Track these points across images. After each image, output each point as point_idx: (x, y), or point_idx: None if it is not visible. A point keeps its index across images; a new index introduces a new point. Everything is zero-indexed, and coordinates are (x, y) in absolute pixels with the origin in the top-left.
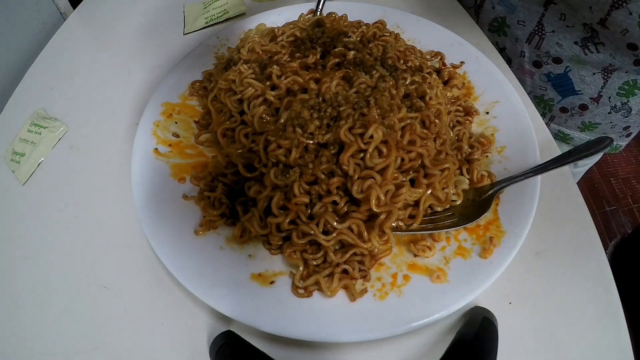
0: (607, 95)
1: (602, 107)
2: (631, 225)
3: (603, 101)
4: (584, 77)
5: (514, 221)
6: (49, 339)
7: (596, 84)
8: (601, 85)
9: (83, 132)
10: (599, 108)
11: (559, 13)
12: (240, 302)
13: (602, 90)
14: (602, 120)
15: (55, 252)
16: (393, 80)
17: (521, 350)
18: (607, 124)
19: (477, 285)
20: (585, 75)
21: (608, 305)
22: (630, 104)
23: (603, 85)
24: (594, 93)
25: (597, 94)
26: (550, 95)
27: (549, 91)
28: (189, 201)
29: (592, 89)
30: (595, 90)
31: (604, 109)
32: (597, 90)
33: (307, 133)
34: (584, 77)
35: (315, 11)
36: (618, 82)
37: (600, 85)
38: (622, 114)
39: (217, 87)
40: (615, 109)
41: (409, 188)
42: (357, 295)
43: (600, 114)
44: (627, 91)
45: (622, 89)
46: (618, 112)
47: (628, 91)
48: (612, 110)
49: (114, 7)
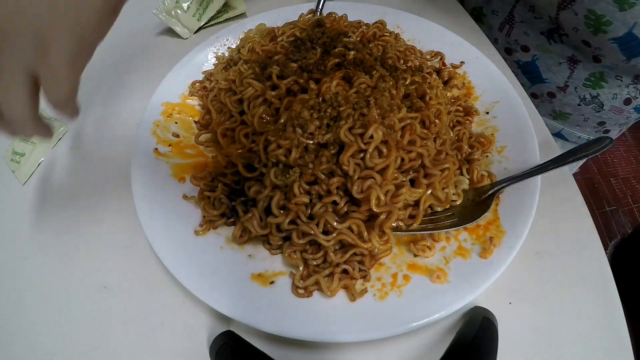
0: (573, 86)
1: (570, 97)
2: (631, 225)
3: (570, 91)
4: (551, 66)
5: (514, 221)
6: (49, 339)
7: (562, 73)
8: (567, 75)
9: (83, 132)
10: (567, 97)
11: (529, 5)
12: (240, 302)
13: (569, 80)
14: (573, 111)
15: (55, 252)
16: (393, 80)
17: (521, 350)
18: (578, 116)
19: (477, 285)
20: (551, 64)
21: (608, 305)
22: (601, 98)
23: (569, 75)
24: (560, 82)
25: (563, 83)
26: (522, 80)
27: (520, 77)
28: (189, 201)
29: (559, 78)
30: (562, 79)
31: (573, 100)
32: (564, 80)
33: (307, 133)
34: (550, 66)
35: (315, 11)
36: (584, 73)
37: (567, 75)
38: (593, 107)
39: (217, 87)
40: (584, 101)
41: (409, 188)
42: (357, 295)
43: (569, 105)
44: (594, 83)
45: (589, 80)
46: (588, 105)
47: (594, 83)
48: (582, 103)
49: None
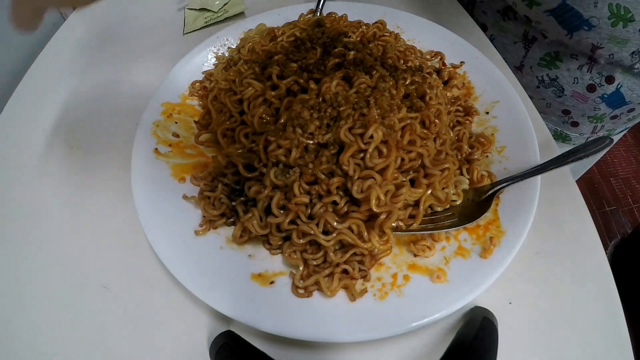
0: (528, 65)
1: (528, 78)
2: (631, 225)
3: (526, 71)
4: (506, 45)
5: (514, 221)
6: (49, 339)
7: (517, 52)
8: (522, 54)
9: (83, 132)
10: (525, 78)
11: None
12: (240, 302)
13: (524, 59)
14: (533, 94)
15: (55, 252)
16: (393, 80)
17: (521, 350)
18: (540, 100)
19: (477, 285)
20: (507, 43)
21: (608, 305)
22: (560, 81)
23: (524, 54)
24: (516, 61)
25: (519, 62)
26: None
27: None
28: (189, 201)
29: (515, 57)
30: (518, 59)
31: (531, 81)
32: (519, 60)
33: (307, 133)
34: (506, 45)
35: (315, 11)
36: (539, 53)
37: (522, 54)
38: (553, 91)
39: (217, 87)
40: (543, 84)
41: (409, 188)
42: (357, 295)
43: (529, 87)
44: (549, 62)
45: (544, 59)
46: (548, 88)
47: (549, 62)
48: (541, 85)
49: (114, 7)
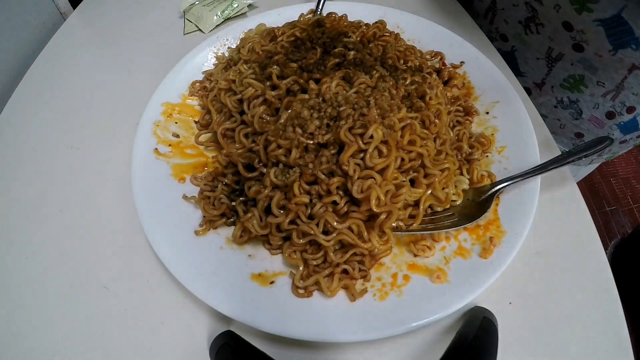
0: (550, 84)
1: (547, 97)
2: (631, 225)
3: (546, 89)
4: (528, 59)
5: (514, 221)
6: (49, 339)
7: (540, 69)
8: (545, 72)
9: (83, 132)
10: (543, 96)
11: None
12: (240, 302)
13: (546, 77)
14: (549, 113)
15: (55, 252)
16: (393, 80)
17: (521, 350)
18: (554, 120)
19: (477, 285)
20: (529, 57)
21: (608, 305)
22: (580, 105)
23: (547, 72)
24: (537, 78)
25: (540, 80)
26: None
27: None
28: (189, 201)
29: (536, 73)
30: (539, 76)
31: (549, 100)
32: (541, 77)
33: (307, 133)
34: (528, 59)
35: (315, 11)
36: (563, 74)
37: (544, 72)
38: (570, 113)
39: (217, 87)
40: (562, 104)
41: (409, 188)
42: (357, 295)
43: (545, 105)
44: (572, 85)
45: (567, 81)
46: (566, 110)
47: (572, 85)
48: (559, 105)
49: (114, 7)
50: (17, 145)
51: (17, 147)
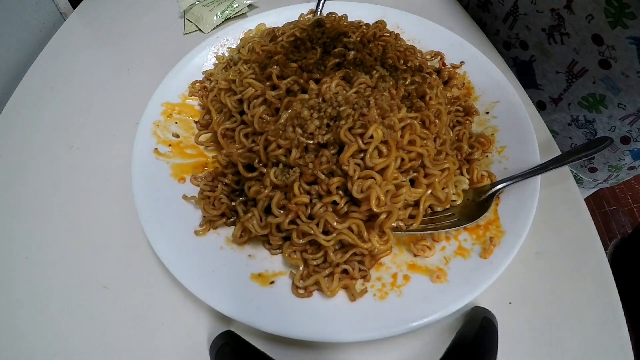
0: (567, 100)
1: (561, 114)
2: (631, 225)
3: (562, 105)
4: (547, 72)
5: (514, 221)
6: (49, 339)
7: (558, 83)
8: (564, 87)
9: (83, 132)
10: (558, 112)
11: None
12: (240, 302)
13: (564, 93)
14: (561, 130)
15: (55, 252)
16: (393, 80)
17: (521, 350)
18: (565, 138)
19: (477, 285)
20: (548, 70)
21: (608, 305)
22: (595, 125)
23: (566, 88)
24: (554, 93)
25: (557, 95)
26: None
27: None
28: (189, 201)
29: (554, 87)
30: (557, 90)
31: (564, 117)
32: (559, 92)
33: (307, 133)
34: (546, 71)
35: (315, 11)
36: (583, 91)
37: (563, 87)
38: (584, 132)
39: (217, 87)
40: (577, 123)
41: (409, 188)
42: (357, 295)
43: (558, 122)
44: (590, 104)
45: (586, 99)
46: (580, 129)
47: (591, 104)
48: (573, 123)
49: (114, 7)
50: (17, 145)
51: (17, 147)
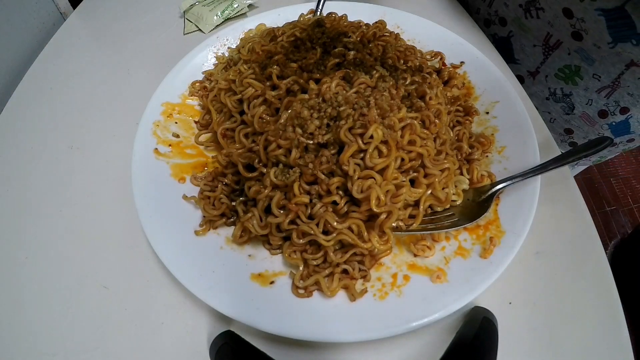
0: (544, 73)
1: (539, 87)
2: (631, 225)
3: (540, 79)
4: (525, 46)
5: (514, 221)
6: (49, 339)
7: (536, 57)
8: (540, 60)
9: (83, 132)
10: (536, 86)
11: None
12: (240, 302)
13: (541, 66)
14: (539, 104)
15: (55, 252)
16: (393, 80)
17: (521, 350)
18: (544, 113)
19: (477, 285)
20: (525, 44)
21: (608, 305)
22: (573, 99)
23: (543, 60)
24: (532, 66)
25: (535, 68)
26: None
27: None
28: (189, 201)
29: (531, 61)
30: (534, 64)
31: (542, 91)
32: (536, 65)
33: (307, 133)
34: (524, 46)
35: (315, 11)
36: (559, 63)
37: (540, 60)
38: (562, 107)
39: (217, 87)
40: (554, 97)
41: (409, 188)
42: (357, 295)
43: (537, 95)
44: (567, 75)
45: (562, 71)
46: (558, 103)
47: (568, 76)
48: (551, 97)
49: (114, 7)
50: (17, 145)
51: (17, 147)
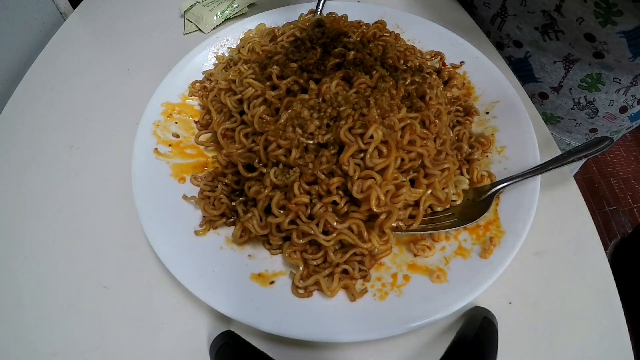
0: (567, 87)
1: (563, 99)
2: (631, 225)
3: (564, 92)
4: (544, 64)
5: (514, 221)
6: (49, 339)
7: (557, 73)
8: (562, 75)
9: (83, 132)
10: (560, 99)
11: None
12: (240, 302)
13: (563, 80)
14: (565, 115)
15: (55, 252)
16: (393, 81)
17: (521, 350)
18: (570, 121)
19: (477, 285)
20: (545, 62)
21: (608, 305)
22: (596, 104)
23: (564, 75)
24: (554, 82)
25: (557, 83)
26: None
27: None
28: (189, 201)
29: (553, 77)
30: (556, 79)
31: (566, 103)
32: (558, 80)
33: (307, 133)
34: (544, 64)
35: (315, 11)
36: (580, 74)
37: (562, 75)
38: (587, 113)
39: (217, 87)
40: (579, 106)
41: (409, 188)
42: (357, 295)
43: (562, 108)
44: (590, 85)
45: (585, 81)
46: (582, 110)
47: (591, 85)
48: (576, 107)
49: (114, 7)
50: (17, 145)
51: (17, 147)
